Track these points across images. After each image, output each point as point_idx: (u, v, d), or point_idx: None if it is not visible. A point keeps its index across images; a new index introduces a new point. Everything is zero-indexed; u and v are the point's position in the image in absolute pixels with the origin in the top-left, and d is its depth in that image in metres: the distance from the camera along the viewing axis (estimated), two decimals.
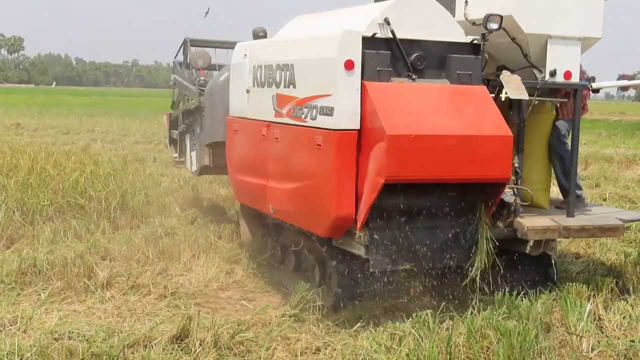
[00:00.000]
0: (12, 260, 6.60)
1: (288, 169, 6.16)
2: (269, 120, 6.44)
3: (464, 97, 5.85)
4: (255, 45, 7.04)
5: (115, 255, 7.08)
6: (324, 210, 5.60)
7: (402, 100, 5.57)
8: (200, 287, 6.38)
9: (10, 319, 5.20)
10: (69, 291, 6.00)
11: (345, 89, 5.47)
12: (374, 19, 5.68)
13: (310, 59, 5.91)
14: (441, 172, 5.51)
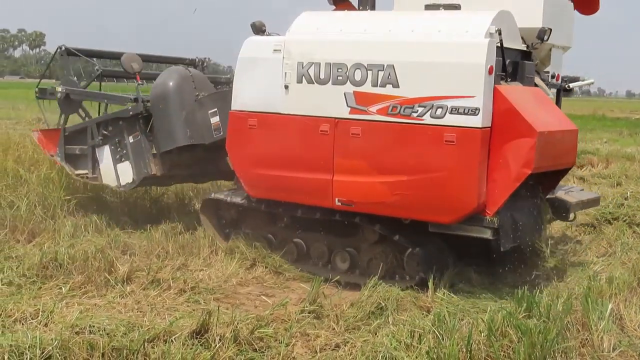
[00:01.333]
0: (33, 254, 6.63)
1: (388, 162, 6.62)
2: (340, 117, 6.84)
3: (541, 98, 6.97)
4: (300, 42, 7.20)
5: (135, 249, 7.12)
6: (461, 200, 6.33)
7: (524, 102, 6.49)
8: (219, 282, 6.40)
9: (31, 313, 5.25)
10: (89, 285, 6.04)
11: (488, 91, 6.24)
12: (488, 29, 6.36)
13: (435, 62, 6.48)
14: (556, 162, 6.74)
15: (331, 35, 7.19)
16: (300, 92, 7.12)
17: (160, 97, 8.26)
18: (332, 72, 6.94)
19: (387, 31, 7.02)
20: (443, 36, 6.64)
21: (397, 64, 6.59)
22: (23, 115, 24.56)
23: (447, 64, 6.41)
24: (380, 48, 6.82)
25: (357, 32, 7.11)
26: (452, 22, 6.78)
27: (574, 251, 8.10)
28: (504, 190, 6.27)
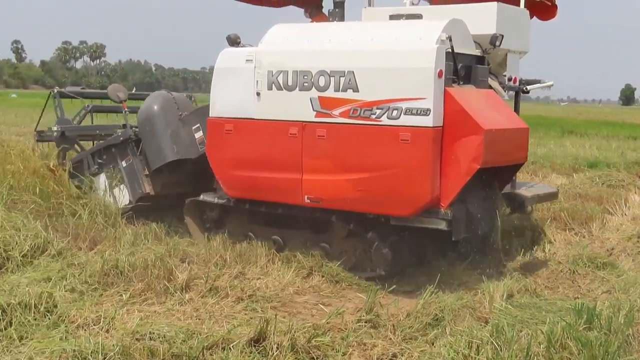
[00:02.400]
0: (95, 261, 6.77)
1: (349, 161, 7.16)
2: (306, 121, 7.41)
3: (493, 99, 7.55)
4: (271, 52, 7.81)
5: (194, 258, 7.21)
6: (416, 194, 6.83)
7: (474, 102, 7.01)
8: (276, 290, 6.44)
9: (93, 319, 5.36)
10: (149, 292, 6.13)
11: (438, 93, 6.75)
12: (439, 36, 6.91)
13: (390, 68, 7.01)
14: (506, 158, 7.30)
15: (298, 46, 7.79)
16: (271, 98, 7.68)
17: (147, 120, 8.94)
18: (298, 79, 7.50)
19: (349, 41, 7.60)
20: (398, 44, 7.20)
21: (357, 70, 7.14)
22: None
23: (401, 69, 6.96)
24: (341, 56, 7.35)
25: (321, 42, 7.73)
26: (407, 31, 7.41)
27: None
28: (455, 184, 6.79)
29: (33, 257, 7.01)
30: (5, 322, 5.13)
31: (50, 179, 9.03)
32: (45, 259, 6.99)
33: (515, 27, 8.33)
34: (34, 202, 8.64)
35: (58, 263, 6.87)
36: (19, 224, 7.46)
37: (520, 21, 8.53)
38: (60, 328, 5.18)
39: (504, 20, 8.01)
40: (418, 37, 7.17)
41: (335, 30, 7.99)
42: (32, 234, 7.29)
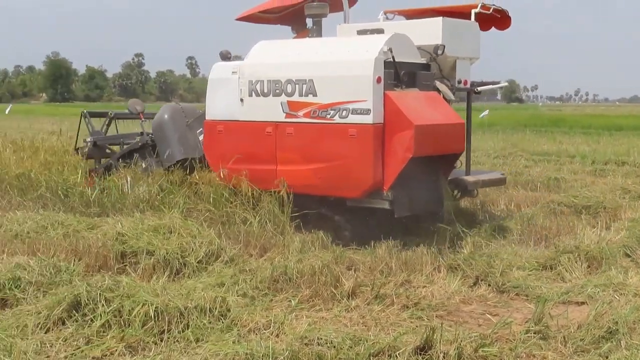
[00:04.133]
0: (265, 267, 6.99)
1: (311, 153, 8.75)
2: (278, 121, 9.04)
3: (433, 100, 8.90)
4: (250, 65, 9.51)
5: (359, 265, 7.29)
6: (361, 179, 8.31)
7: (409, 102, 8.43)
8: (442, 299, 6.39)
9: (264, 323, 5.53)
10: (317, 299, 6.26)
11: (377, 97, 8.27)
12: (382, 48, 8.41)
13: (339, 76, 8.61)
14: (437, 148, 8.47)
15: (272, 59, 9.46)
16: (251, 103, 9.36)
17: (159, 127, 10.96)
18: (271, 86, 9.14)
19: (313, 53, 9.23)
20: (347, 55, 8.78)
21: (315, 78, 8.73)
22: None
23: (348, 77, 8.53)
24: (304, 67, 8.95)
25: (291, 55, 9.37)
26: (357, 45, 8.91)
27: None
28: (393, 171, 8.22)
29: (208, 263, 7.34)
30: (182, 324, 5.40)
31: (219, 187, 9.43)
32: (219, 265, 7.29)
33: (463, 37, 9.71)
34: (208, 211, 9.06)
35: (231, 269, 7.15)
36: (195, 231, 7.84)
37: (468, 32, 9.86)
38: (233, 331, 5.38)
39: (449, 32, 9.41)
40: (365, 49, 8.64)
41: (301, 46, 9.79)
42: (207, 241, 7.63)
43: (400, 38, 8.92)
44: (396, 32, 8.95)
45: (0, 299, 6.10)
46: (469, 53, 9.91)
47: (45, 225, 8.68)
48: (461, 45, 9.65)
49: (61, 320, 5.43)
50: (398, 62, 8.57)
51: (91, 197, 10.07)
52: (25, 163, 11.54)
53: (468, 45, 9.85)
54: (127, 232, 7.76)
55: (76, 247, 7.60)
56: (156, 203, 9.50)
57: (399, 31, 9.15)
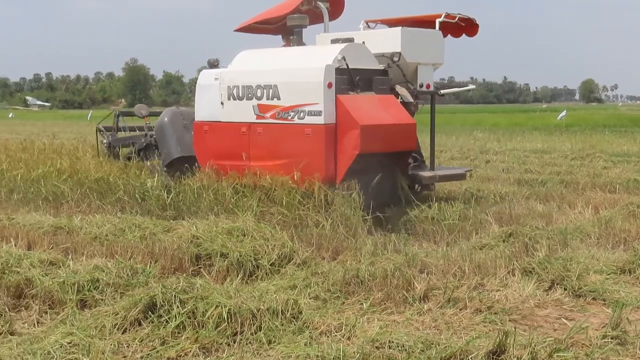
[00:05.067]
0: (337, 270, 7.00)
1: (277, 150, 9.89)
2: (251, 122, 10.30)
3: (387, 102, 9.95)
4: (228, 72, 10.85)
5: (432, 268, 7.24)
6: (315, 172, 9.33)
7: (359, 105, 9.52)
8: (516, 303, 6.28)
9: (335, 326, 5.54)
10: (388, 302, 6.24)
11: (329, 100, 9.41)
12: (336, 56, 9.59)
13: (296, 81, 9.75)
14: (386, 146, 9.49)
15: (247, 67, 10.78)
16: (230, 106, 10.67)
17: (160, 129, 12.57)
18: (245, 91, 10.40)
19: (278, 62, 10.52)
20: (305, 63, 9.98)
21: (279, 84, 9.94)
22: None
23: (304, 82, 9.67)
24: (270, 74, 10.16)
25: (264, 63, 10.68)
26: (317, 54, 10.12)
27: None
28: (343, 166, 9.33)
29: (280, 265, 7.40)
30: (255, 326, 5.45)
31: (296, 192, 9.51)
32: (291, 268, 7.35)
33: (424, 45, 10.72)
34: (281, 214, 9.14)
35: (303, 272, 7.19)
36: (268, 234, 7.92)
37: (430, 39, 10.87)
38: (304, 334, 5.41)
39: (408, 40, 10.44)
40: (320, 58, 9.74)
41: (271, 55, 11.07)
42: (280, 243, 7.70)
43: (355, 47, 10.08)
44: (351, 42, 10.16)
45: (80, 300, 6.27)
46: (431, 59, 10.90)
47: (123, 228, 8.89)
48: (422, 52, 10.67)
49: (137, 321, 5.55)
50: (352, 68, 9.72)
51: (167, 201, 10.27)
52: (104, 167, 11.84)
53: (430, 52, 10.84)
54: (201, 235, 7.89)
55: (152, 250, 7.75)
56: (230, 206, 9.62)
57: (366, 40, 10.47)
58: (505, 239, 8.40)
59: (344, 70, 9.61)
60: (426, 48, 10.75)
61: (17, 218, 9.87)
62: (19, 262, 6.90)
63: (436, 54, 10.97)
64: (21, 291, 6.46)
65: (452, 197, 11.17)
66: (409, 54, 10.48)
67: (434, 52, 10.92)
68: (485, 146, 22.83)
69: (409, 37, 10.51)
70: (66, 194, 11.02)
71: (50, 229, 9.13)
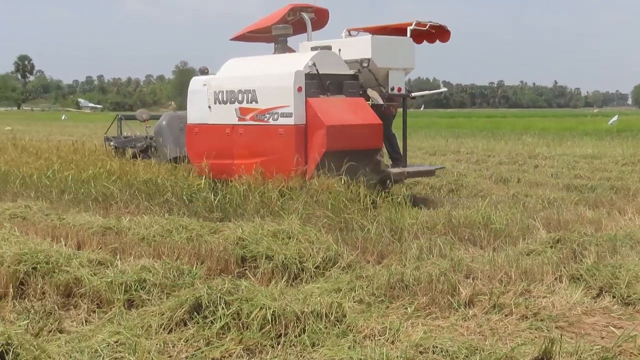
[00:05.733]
0: (382, 274, 6.98)
1: (255, 149, 11.03)
2: (233, 124, 11.52)
3: (356, 104, 11.00)
4: (215, 79, 12.13)
5: (478, 274, 7.17)
6: (288, 169, 10.41)
7: (328, 107, 10.58)
8: (563, 310, 6.19)
9: (379, 330, 5.54)
10: (433, 307, 6.20)
11: (299, 102, 10.56)
12: (307, 63, 10.73)
13: (271, 86, 10.95)
14: (352, 145, 10.51)
15: (231, 73, 11.97)
16: (216, 109, 11.87)
17: (158, 132, 14.12)
18: (229, 96, 11.59)
19: (259, 68, 11.62)
20: (278, 69, 11.07)
21: (257, 89, 11.11)
22: None
23: (277, 87, 10.79)
24: (250, 80, 11.34)
25: (246, 70, 11.85)
26: (290, 60, 11.24)
27: None
28: (312, 163, 10.40)
29: (325, 268, 7.42)
30: (299, 329, 5.47)
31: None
32: (336, 271, 7.35)
33: (395, 51, 11.67)
34: (326, 217, 9.15)
35: (347, 275, 7.19)
36: (313, 237, 7.94)
37: (401, 46, 11.85)
38: (348, 337, 5.41)
39: (378, 47, 11.42)
40: (296, 63, 10.83)
41: (257, 62, 12.18)
42: (324, 246, 7.71)
43: (326, 54, 11.15)
44: (326, 49, 11.28)
45: (127, 300, 6.36)
46: (402, 64, 11.85)
47: (170, 229, 8.98)
48: (392, 57, 11.61)
49: (183, 321, 5.61)
50: (323, 73, 10.82)
51: (214, 202, 10.36)
52: (153, 169, 12.00)
53: (400, 58, 11.79)
54: (247, 237, 7.95)
55: (199, 251, 7.83)
56: (276, 209, 9.68)
57: (342, 47, 11.55)
58: (553, 245, 8.29)
59: (314, 75, 10.74)
60: (397, 54, 11.72)
61: (67, 218, 10.06)
62: (69, 261, 7.03)
63: (407, 59, 11.94)
64: (70, 290, 6.59)
65: (499, 202, 11.08)
66: (380, 60, 11.47)
67: (404, 58, 11.88)
68: (534, 151, 22.57)
69: (379, 45, 11.50)
70: (115, 195, 11.18)
71: (100, 229, 9.28)
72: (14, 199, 11.70)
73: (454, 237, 8.70)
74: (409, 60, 11.99)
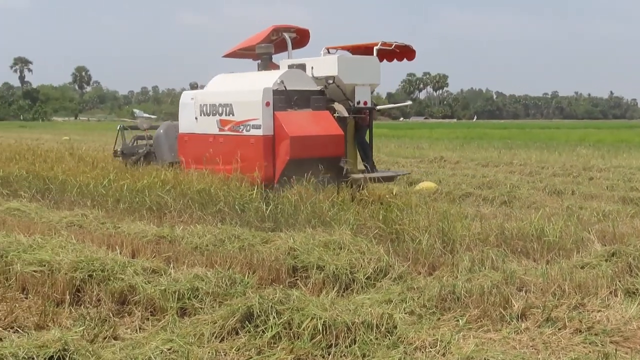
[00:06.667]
0: (433, 286, 6.95)
1: (232, 157, 12.24)
2: (215, 133, 12.95)
3: (320, 117, 12.26)
4: (200, 93, 13.69)
5: (530, 286, 7.10)
6: (259, 174, 11.63)
7: (293, 120, 11.91)
8: (618, 324, 6.07)
9: (430, 342, 5.52)
10: (485, 319, 6.15)
11: (267, 116, 11.91)
12: (276, 81, 12.09)
13: (244, 101, 12.34)
14: (315, 153, 11.79)
15: (215, 89, 13.47)
16: (201, 121, 13.33)
17: (156, 139, 15.47)
18: (211, 109, 13.06)
19: (237, 84, 13.11)
20: (250, 86, 12.45)
21: (233, 103, 12.57)
22: (426, 154, 25.93)
23: (249, 102, 12.20)
24: (228, 95, 12.81)
25: (226, 86, 13.34)
26: (262, 78, 12.53)
27: None
28: (279, 169, 11.75)
29: (376, 279, 7.43)
30: (349, 339, 5.48)
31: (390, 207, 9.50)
32: (387, 282, 7.35)
33: (360, 69, 12.92)
34: (377, 227, 9.15)
35: (398, 286, 7.18)
36: (364, 247, 7.96)
37: (366, 64, 13.11)
38: (399, 349, 5.41)
39: (345, 65, 12.70)
40: (267, 81, 12.16)
41: (237, 78, 13.58)
42: (376, 257, 7.72)
43: (294, 72, 12.57)
44: (290, 69, 12.78)
45: (180, 308, 6.44)
46: (367, 80, 13.00)
47: (223, 238, 9.08)
48: (358, 74, 12.83)
49: (235, 330, 5.67)
50: (290, 90, 12.11)
51: (266, 213, 10.43)
52: (206, 179, 12.12)
53: (366, 74, 12.98)
54: (298, 247, 8.00)
55: (251, 260, 7.90)
56: (327, 219, 9.70)
57: (314, 65, 12.86)
58: (608, 258, 8.14)
59: (282, 91, 12.04)
60: (362, 71, 12.95)
61: (122, 227, 10.23)
62: (124, 269, 7.16)
63: (372, 76, 13.12)
64: (125, 297, 6.71)
65: (553, 214, 10.94)
66: (345, 77, 12.69)
67: (369, 75, 13.07)
68: (589, 163, 22.22)
69: (345, 63, 12.79)
70: (169, 205, 11.32)
71: (154, 237, 9.43)
72: (71, 208, 11.96)
73: (507, 249, 8.61)
74: (374, 76, 13.19)
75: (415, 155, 25.90)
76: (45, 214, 11.57)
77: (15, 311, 6.33)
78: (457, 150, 29.28)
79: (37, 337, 5.28)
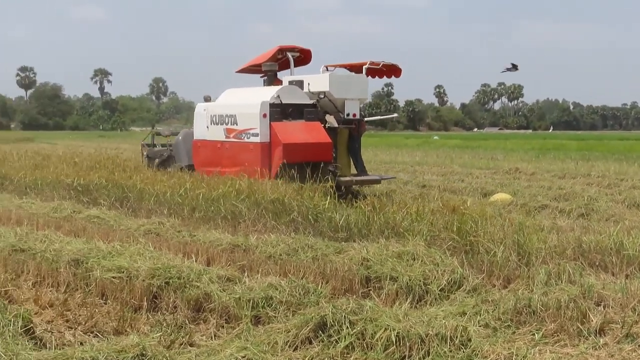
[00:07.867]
0: (508, 299, 6.84)
1: (236, 160, 14.48)
2: (222, 140, 15.11)
3: (311, 127, 14.26)
4: (211, 105, 15.88)
5: (609, 301, 6.93)
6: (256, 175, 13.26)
7: (286, 129, 13.98)
8: None
9: (505, 356, 5.44)
10: (562, 334, 6.03)
11: (264, 125, 14.08)
12: (273, 95, 14.21)
13: (245, 112, 14.51)
14: (305, 158, 13.77)
15: (223, 102, 15.78)
16: (212, 129, 15.52)
17: (175, 144, 17.51)
18: (219, 119, 15.20)
19: (241, 98, 15.35)
20: (251, 100, 14.60)
21: (237, 114, 14.74)
22: (500, 165, 25.56)
23: (249, 113, 14.36)
24: (233, 107, 15.04)
25: (232, 99, 15.63)
26: (263, 93, 14.69)
27: None
28: (274, 171, 13.66)
29: (450, 291, 7.36)
30: (423, 351, 5.46)
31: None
32: (461, 294, 7.27)
33: (350, 85, 14.94)
34: (451, 239, 9.07)
35: (472, 298, 7.09)
36: (438, 259, 7.90)
37: (355, 81, 15.21)
38: None
39: (335, 82, 14.73)
40: (266, 95, 14.28)
41: (241, 92, 15.85)
42: (449, 269, 7.65)
43: (290, 88, 14.68)
44: (286, 85, 14.89)
45: (254, 316, 6.51)
46: (356, 95, 15.06)
47: (296, 248, 9.13)
48: (348, 90, 14.85)
49: (308, 339, 5.70)
50: (285, 103, 14.21)
51: (339, 223, 10.45)
52: (280, 188, 12.23)
53: (355, 90, 15.02)
54: (372, 258, 8.00)
55: (324, 270, 7.93)
56: (400, 230, 9.67)
57: (310, 82, 14.82)
58: None
59: (278, 104, 14.16)
60: (351, 87, 14.98)
61: (198, 235, 10.40)
62: (199, 277, 7.28)
63: (361, 91, 15.25)
64: (200, 305, 6.82)
65: (633, 227, 10.67)
66: (337, 92, 14.71)
67: (358, 90, 15.15)
68: None
69: (336, 80, 14.80)
70: (244, 214, 11.45)
71: (228, 246, 9.55)
72: (149, 216, 12.21)
73: (584, 262, 8.43)
74: (363, 92, 15.36)
75: (489, 166, 25.56)
76: (124, 221, 11.84)
77: (95, 316, 6.51)
78: (533, 161, 28.75)
79: (116, 342, 5.42)
